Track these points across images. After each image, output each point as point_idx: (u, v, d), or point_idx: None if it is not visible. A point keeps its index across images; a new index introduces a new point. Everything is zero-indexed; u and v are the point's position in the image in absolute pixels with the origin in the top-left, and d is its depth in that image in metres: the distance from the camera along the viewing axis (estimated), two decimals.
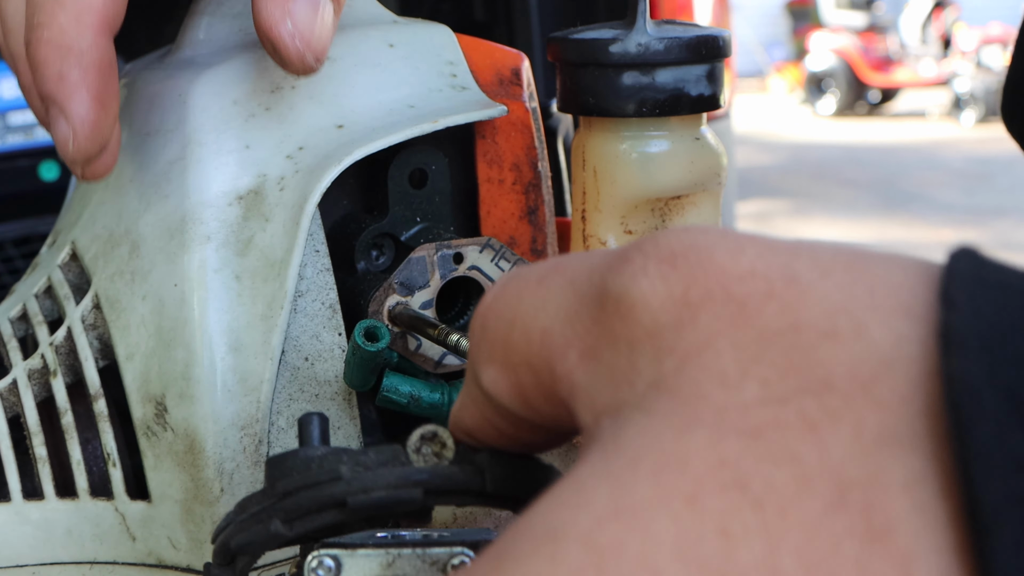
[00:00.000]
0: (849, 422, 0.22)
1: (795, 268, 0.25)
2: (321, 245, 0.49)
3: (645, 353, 0.26)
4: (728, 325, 0.25)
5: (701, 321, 0.25)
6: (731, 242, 0.26)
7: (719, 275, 0.25)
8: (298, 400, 0.48)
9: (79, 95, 0.43)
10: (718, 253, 0.26)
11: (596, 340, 0.27)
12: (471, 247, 0.52)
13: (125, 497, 0.49)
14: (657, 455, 0.24)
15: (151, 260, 0.49)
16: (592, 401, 0.27)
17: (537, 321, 0.29)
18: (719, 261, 0.26)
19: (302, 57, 0.45)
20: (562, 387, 0.28)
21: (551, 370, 0.28)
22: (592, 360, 0.27)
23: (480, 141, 0.56)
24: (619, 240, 0.56)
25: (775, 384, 0.23)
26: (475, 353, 0.31)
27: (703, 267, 0.26)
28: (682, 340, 0.25)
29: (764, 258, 0.26)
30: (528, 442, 0.33)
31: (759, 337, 0.24)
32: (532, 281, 0.30)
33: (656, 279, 0.26)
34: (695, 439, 0.23)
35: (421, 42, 0.54)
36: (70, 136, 0.44)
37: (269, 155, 0.49)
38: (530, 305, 0.29)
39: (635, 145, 0.54)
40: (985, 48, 10.38)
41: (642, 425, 0.25)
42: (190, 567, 0.48)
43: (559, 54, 0.55)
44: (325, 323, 0.49)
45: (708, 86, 0.54)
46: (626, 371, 0.26)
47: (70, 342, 0.51)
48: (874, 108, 11.37)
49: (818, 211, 6.69)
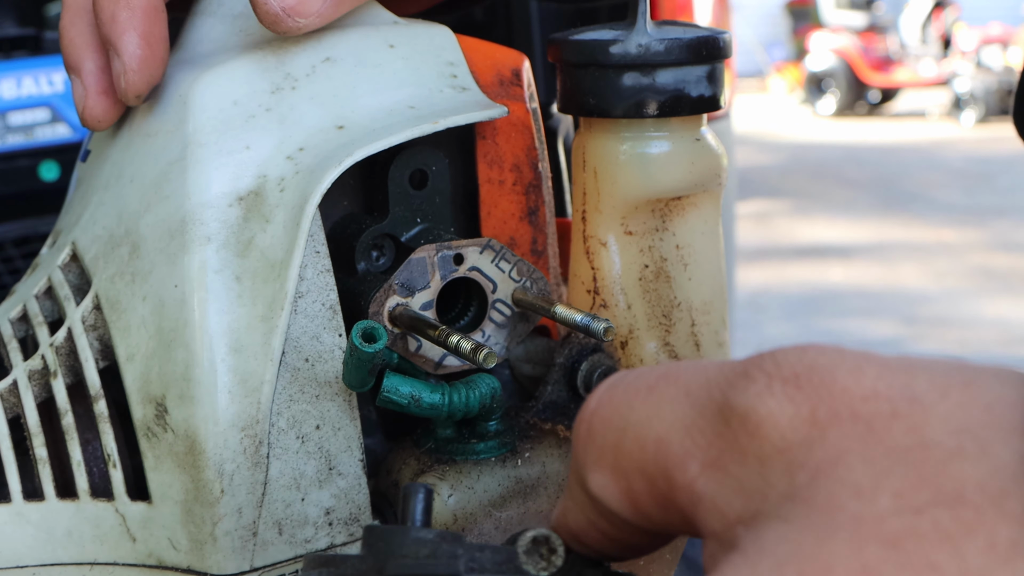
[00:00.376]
0: (983, 534, 0.25)
1: (915, 388, 0.28)
2: (321, 246, 0.49)
3: (776, 467, 0.28)
4: (857, 442, 0.27)
5: (830, 438, 0.27)
6: (850, 362, 0.29)
7: (843, 396, 0.28)
8: (298, 401, 0.48)
9: (129, 34, 0.49)
10: (839, 374, 0.28)
11: (721, 453, 0.29)
12: (471, 248, 0.52)
13: (125, 498, 0.49)
14: (801, 560, 0.26)
15: (151, 261, 0.49)
16: (721, 510, 0.29)
17: (651, 429, 0.31)
18: (842, 382, 0.28)
19: (277, 15, 0.48)
20: (681, 495, 0.30)
21: (668, 478, 0.30)
22: (718, 471, 0.29)
23: (480, 142, 0.56)
24: (619, 240, 0.56)
25: (908, 496, 0.26)
26: (581, 457, 0.33)
27: (827, 388, 0.28)
28: (813, 456, 0.27)
29: (884, 379, 0.28)
30: (633, 545, 0.35)
31: (888, 453, 0.27)
32: (642, 389, 0.32)
33: (782, 399, 0.28)
34: (836, 546, 0.26)
35: (421, 43, 0.53)
36: (122, 72, 0.49)
37: (269, 156, 0.49)
38: (642, 413, 0.31)
39: (635, 146, 0.54)
40: (985, 48, 10.38)
41: (782, 533, 0.27)
42: (190, 568, 0.48)
43: (559, 55, 0.55)
44: (325, 324, 0.49)
45: (708, 87, 0.54)
46: (758, 483, 0.28)
47: (70, 343, 0.51)
48: (874, 108, 11.37)
49: (818, 211, 6.68)
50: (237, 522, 0.47)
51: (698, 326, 0.58)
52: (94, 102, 0.51)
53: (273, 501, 0.48)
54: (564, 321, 0.51)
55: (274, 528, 0.48)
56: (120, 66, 0.49)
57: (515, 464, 0.53)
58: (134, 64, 0.49)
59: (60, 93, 1.22)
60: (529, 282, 0.54)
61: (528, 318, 0.54)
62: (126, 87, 0.50)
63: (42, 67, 1.22)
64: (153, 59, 0.50)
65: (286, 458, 0.48)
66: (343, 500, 0.50)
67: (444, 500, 0.51)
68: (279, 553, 0.49)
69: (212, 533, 0.47)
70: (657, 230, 0.56)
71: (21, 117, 1.20)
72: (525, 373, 0.59)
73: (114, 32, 0.49)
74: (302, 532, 0.49)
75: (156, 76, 0.50)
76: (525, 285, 0.53)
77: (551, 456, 0.54)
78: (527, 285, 0.53)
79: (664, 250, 0.56)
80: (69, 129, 1.22)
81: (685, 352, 0.57)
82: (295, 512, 0.49)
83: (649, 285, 0.56)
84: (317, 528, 0.49)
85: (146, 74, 0.50)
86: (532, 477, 0.53)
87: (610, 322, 0.50)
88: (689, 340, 0.57)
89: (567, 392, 0.56)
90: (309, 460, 0.49)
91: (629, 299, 0.56)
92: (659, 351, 0.57)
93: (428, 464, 0.52)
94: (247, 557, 0.48)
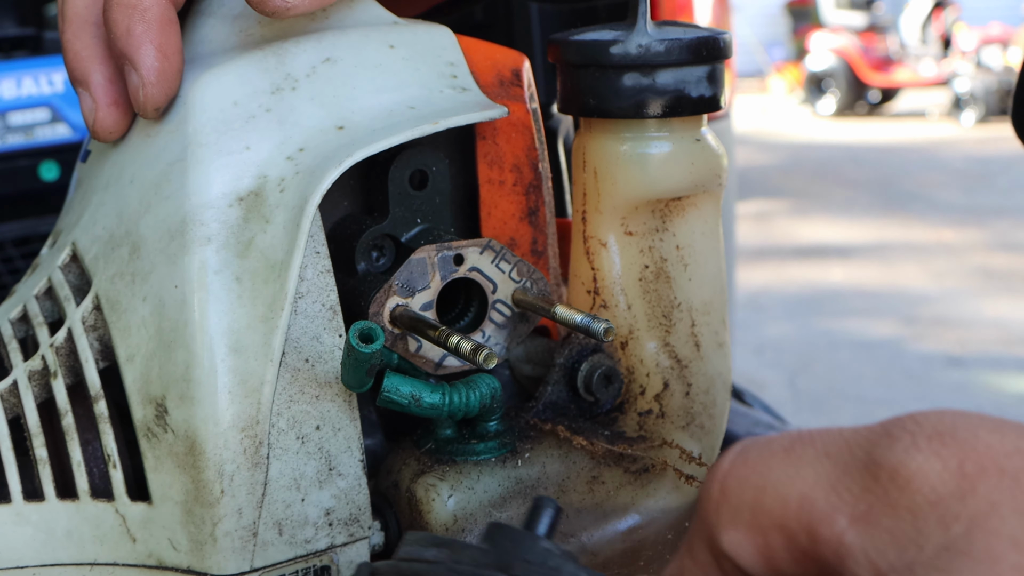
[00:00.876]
0: None
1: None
2: (322, 246, 0.49)
3: (929, 519, 0.30)
4: (1007, 495, 0.29)
5: (980, 491, 0.29)
6: (989, 423, 0.31)
7: (988, 451, 0.30)
8: (298, 402, 0.48)
9: (145, 47, 0.49)
10: (981, 432, 0.30)
11: (870, 507, 0.31)
12: (471, 248, 0.52)
13: (125, 498, 0.49)
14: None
15: (151, 261, 0.49)
16: (872, 561, 0.31)
17: (793, 487, 0.32)
18: (985, 439, 0.30)
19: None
20: (826, 549, 0.32)
21: (812, 533, 0.32)
22: (868, 524, 0.31)
23: (481, 142, 0.56)
24: (619, 241, 0.56)
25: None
26: (712, 517, 0.34)
27: (971, 444, 0.30)
28: (966, 508, 0.29)
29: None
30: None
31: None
32: (778, 452, 0.34)
33: (930, 454, 0.30)
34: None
35: (422, 43, 0.53)
36: (140, 85, 0.49)
37: (270, 156, 0.49)
38: (782, 473, 0.33)
39: (636, 146, 0.54)
40: (985, 48, 10.37)
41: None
42: (190, 568, 0.48)
43: (560, 55, 0.55)
44: (326, 325, 0.49)
45: (709, 87, 0.54)
46: (911, 535, 0.30)
47: (70, 343, 0.51)
48: (874, 108, 11.36)
49: (818, 211, 6.68)
50: (237, 523, 0.47)
51: (698, 326, 0.58)
52: (105, 114, 0.51)
53: (273, 502, 0.48)
54: (564, 322, 0.51)
55: (274, 528, 0.48)
56: (138, 80, 0.49)
57: (515, 465, 0.53)
58: (152, 77, 0.49)
59: (60, 93, 1.22)
60: (529, 282, 0.54)
61: (528, 318, 0.54)
62: (145, 100, 0.49)
63: (42, 67, 1.22)
64: (170, 71, 0.49)
65: (286, 459, 0.48)
66: (343, 500, 0.50)
67: (444, 501, 0.51)
68: (279, 553, 0.49)
69: (212, 533, 0.47)
70: (657, 230, 0.56)
71: (21, 117, 1.20)
72: (525, 373, 0.59)
73: (130, 46, 0.49)
74: (302, 532, 0.49)
75: (173, 88, 0.50)
76: (525, 286, 0.53)
77: (551, 456, 0.54)
78: (527, 285, 0.53)
79: (664, 250, 0.56)
80: (69, 129, 1.22)
81: (685, 352, 0.57)
82: (295, 513, 0.49)
83: (649, 285, 0.56)
84: (317, 528, 0.49)
85: (164, 86, 0.49)
86: (532, 477, 0.53)
87: (610, 323, 0.50)
88: (689, 340, 0.57)
89: (567, 392, 0.56)
90: (309, 461, 0.49)
91: (629, 299, 0.56)
92: (659, 351, 0.57)
93: (428, 464, 0.52)
94: (247, 557, 0.48)
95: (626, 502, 0.55)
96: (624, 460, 0.55)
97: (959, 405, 3.83)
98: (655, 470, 0.56)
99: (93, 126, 0.52)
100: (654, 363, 0.57)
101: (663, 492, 0.56)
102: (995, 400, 3.76)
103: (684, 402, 0.57)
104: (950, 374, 4.00)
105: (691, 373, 0.57)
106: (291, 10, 0.48)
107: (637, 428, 0.57)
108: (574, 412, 0.56)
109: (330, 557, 0.50)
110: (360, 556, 0.51)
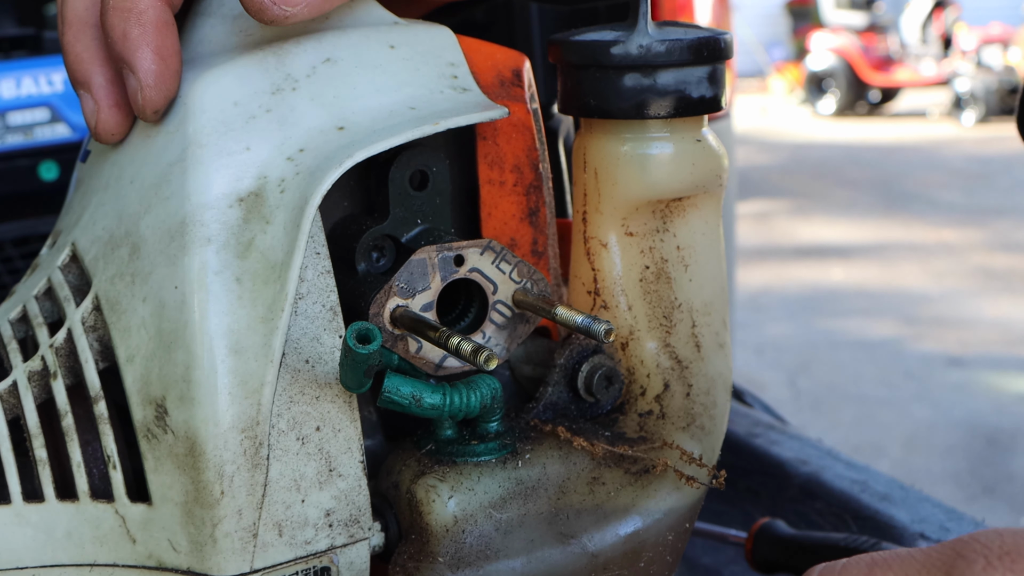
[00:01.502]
0: None
1: None
2: (322, 247, 0.49)
3: None
4: None
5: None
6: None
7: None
8: (298, 403, 0.48)
9: (142, 51, 0.49)
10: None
11: None
12: (472, 249, 0.52)
13: (125, 499, 0.49)
14: None
15: (151, 262, 0.49)
16: None
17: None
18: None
19: (262, 3, 0.48)
20: None
21: None
22: None
23: (481, 143, 0.56)
24: (620, 241, 0.56)
25: None
26: None
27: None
28: None
29: None
30: None
31: None
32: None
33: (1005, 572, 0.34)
34: None
35: (422, 44, 0.53)
36: (138, 88, 0.49)
37: (270, 157, 0.49)
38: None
39: (636, 147, 0.54)
40: (985, 48, 10.38)
41: None
42: (190, 569, 0.48)
43: (560, 56, 0.55)
44: (326, 325, 0.49)
45: (710, 88, 0.54)
46: None
47: (70, 344, 0.51)
48: (874, 108, 11.36)
49: (818, 211, 6.68)
50: (237, 524, 0.47)
51: (699, 327, 0.58)
52: (106, 116, 0.51)
53: (273, 503, 0.48)
54: (564, 322, 0.51)
55: (274, 530, 0.48)
56: (136, 83, 0.49)
57: (515, 465, 0.53)
58: (150, 80, 0.49)
59: (60, 93, 1.22)
60: (529, 283, 0.53)
61: (528, 319, 0.54)
62: (143, 103, 0.50)
63: (42, 67, 1.22)
64: (168, 73, 0.50)
65: (286, 459, 0.48)
66: (343, 501, 0.50)
67: (444, 502, 0.51)
68: (279, 554, 0.49)
69: (212, 535, 0.47)
70: (658, 231, 0.56)
71: (21, 117, 1.20)
72: (525, 374, 0.59)
73: (127, 49, 0.49)
74: (302, 533, 0.49)
75: (172, 90, 0.50)
76: (526, 286, 0.53)
77: (551, 457, 0.54)
78: (527, 286, 0.53)
79: (665, 251, 0.56)
80: (69, 129, 1.22)
81: (686, 353, 0.57)
82: (295, 514, 0.49)
83: (650, 286, 0.56)
84: (317, 529, 0.49)
85: (163, 89, 0.50)
86: (532, 478, 0.53)
87: (610, 323, 0.50)
88: (690, 341, 0.57)
89: (568, 393, 0.56)
90: (309, 461, 0.49)
91: (630, 300, 0.56)
92: (660, 352, 0.57)
93: (428, 465, 0.52)
94: (247, 559, 0.48)
95: (627, 503, 0.55)
96: (625, 461, 0.55)
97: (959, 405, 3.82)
98: (656, 471, 0.56)
99: (95, 128, 0.52)
100: (655, 364, 0.57)
101: (664, 493, 0.56)
102: (995, 400, 3.76)
103: (685, 403, 0.57)
104: (950, 374, 4.00)
105: (692, 374, 0.57)
106: (290, 18, 0.48)
107: (638, 429, 0.57)
108: (574, 413, 0.56)
109: (330, 558, 0.50)
110: (360, 557, 0.51)
